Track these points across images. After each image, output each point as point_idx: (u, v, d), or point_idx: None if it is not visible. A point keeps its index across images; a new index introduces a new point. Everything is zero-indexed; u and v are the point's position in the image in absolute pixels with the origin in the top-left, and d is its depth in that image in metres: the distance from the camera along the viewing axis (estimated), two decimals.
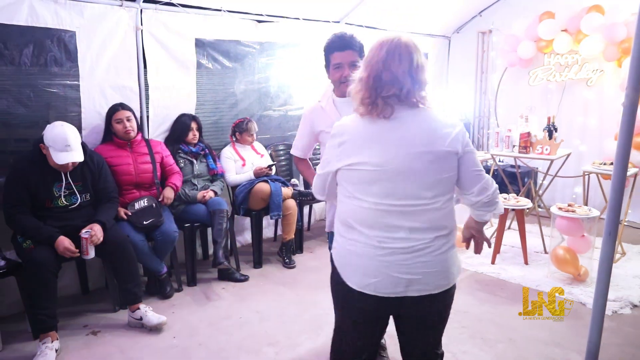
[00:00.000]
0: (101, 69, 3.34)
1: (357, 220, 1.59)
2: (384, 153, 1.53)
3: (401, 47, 1.53)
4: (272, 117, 4.65)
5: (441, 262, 1.59)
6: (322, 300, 3.36)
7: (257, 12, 4.14)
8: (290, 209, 4.00)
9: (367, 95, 1.55)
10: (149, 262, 3.30)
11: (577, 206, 3.71)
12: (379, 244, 1.56)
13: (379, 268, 1.56)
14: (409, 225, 1.55)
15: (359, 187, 1.58)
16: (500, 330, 2.99)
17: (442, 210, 1.59)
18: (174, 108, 3.79)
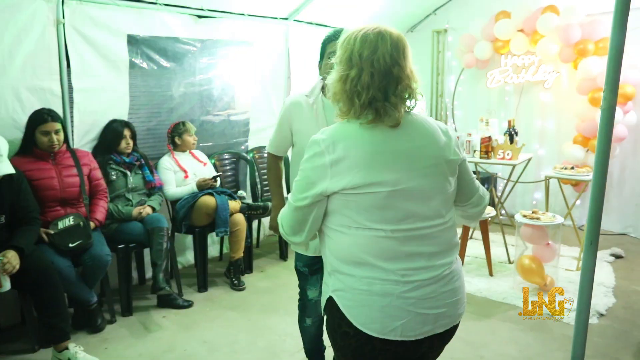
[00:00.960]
0: (15, 67, 3.12)
1: (373, 254, 1.42)
2: (396, 169, 1.42)
3: (403, 41, 1.45)
4: (215, 123, 4.57)
5: (460, 288, 1.54)
6: (276, 325, 3.32)
7: (197, 6, 4.06)
8: (238, 224, 3.92)
9: (371, 97, 1.41)
10: (76, 291, 3.11)
11: (541, 213, 3.84)
12: (402, 278, 1.42)
13: (405, 307, 1.42)
14: (428, 250, 1.46)
15: (370, 214, 1.42)
16: (470, 347, 3.03)
17: (455, 227, 1.54)
18: (104, 113, 3.62)
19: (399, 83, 1.42)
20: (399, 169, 1.42)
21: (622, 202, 5.01)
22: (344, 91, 1.44)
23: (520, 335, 3.20)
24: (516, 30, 5.20)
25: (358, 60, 1.42)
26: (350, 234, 1.45)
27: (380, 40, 1.41)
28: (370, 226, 1.42)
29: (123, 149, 3.60)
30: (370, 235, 1.43)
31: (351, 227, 1.45)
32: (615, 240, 4.82)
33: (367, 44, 1.42)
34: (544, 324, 3.32)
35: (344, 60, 1.45)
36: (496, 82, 5.54)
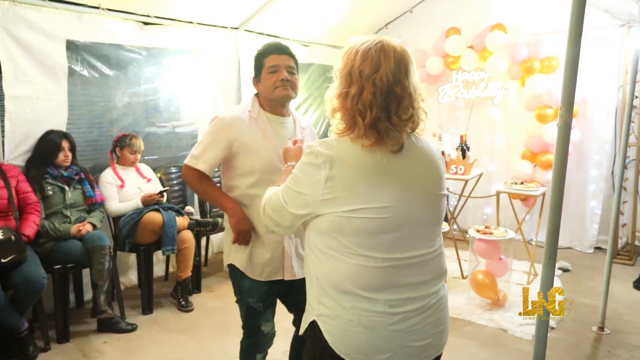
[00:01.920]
0: None
1: (360, 285, 1.39)
2: (393, 196, 1.39)
3: (407, 56, 1.41)
4: (161, 135, 4.49)
5: (446, 316, 1.52)
6: (228, 347, 3.25)
7: (142, 12, 4.00)
8: (186, 242, 3.86)
9: (375, 117, 1.36)
10: (5, 318, 2.93)
11: (493, 228, 3.96)
12: (389, 309, 1.39)
13: (391, 340, 1.39)
14: (417, 280, 1.43)
15: (362, 240, 1.39)
16: None
17: (443, 254, 1.54)
18: (39, 123, 3.48)
19: (401, 103, 1.38)
20: (396, 196, 1.39)
21: (567, 217, 5.22)
22: (345, 108, 1.40)
23: (475, 351, 3.26)
24: (466, 47, 5.40)
25: (358, 77, 1.38)
26: (339, 260, 1.41)
27: (383, 57, 1.37)
28: (361, 252, 1.39)
29: (61, 162, 3.47)
30: (359, 263, 1.39)
31: (341, 251, 1.41)
32: (563, 254, 5.01)
33: (368, 61, 1.37)
34: (498, 339, 3.40)
35: (343, 75, 1.42)
36: (447, 97, 5.72)
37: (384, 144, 1.38)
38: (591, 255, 5.11)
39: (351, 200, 1.37)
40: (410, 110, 1.39)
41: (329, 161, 1.37)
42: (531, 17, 5.14)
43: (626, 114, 3.48)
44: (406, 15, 6.03)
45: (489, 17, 5.33)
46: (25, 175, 3.34)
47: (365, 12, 5.63)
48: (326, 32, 5.63)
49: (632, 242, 5.01)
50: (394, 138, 1.39)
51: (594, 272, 4.52)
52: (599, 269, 4.29)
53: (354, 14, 5.52)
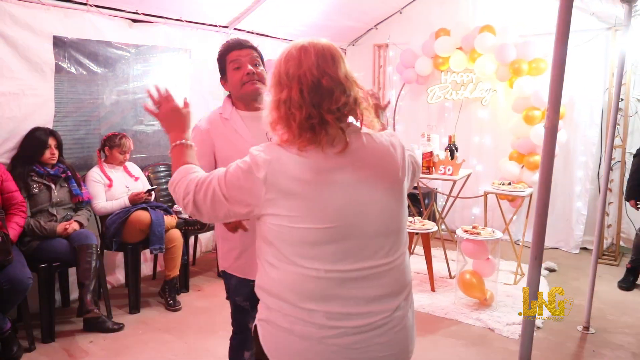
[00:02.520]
0: None
1: (298, 294, 1.32)
2: (339, 204, 1.31)
3: (330, 48, 1.36)
4: (150, 133, 4.47)
5: (402, 340, 1.40)
6: (216, 347, 3.24)
7: (131, 9, 3.98)
8: (174, 241, 3.85)
9: (306, 115, 1.30)
10: None
11: (480, 228, 3.98)
12: (327, 321, 1.31)
13: (325, 354, 1.31)
14: (367, 294, 1.34)
15: (300, 250, 1.32)
16: None
17: (405, 264, 1.44)
18: (25, 120, 3.46)
19: (332, 94, 1.32)
20: (341, 204, 1.32)
21: (554, 218, 5.27)
22: (280, 118, 1.34)
23: (463, 350, 3.28)
24: (455, 48, 5.41)
25: (286, 80, 1.34)
26: (279, 269, 1.35)
27: (303, 54, 1.34)
28: (301, 263, 1.32)
29: (47, 159, 3.44)
30: (299, 273, 1.32)
31: (282, 260, 1.34)
32: (549, 255, 5.04)
33: (291, 62, 1.34)
34: (485, 338, 3.43)
35: (274, 85, 1.38)
36: (436, 98, 5.73)
37: (319, 143, 1.30)
38: (577, 255, 5.15)
39: (291, 207, 1.30)
40: (342, 98, 1.33)
41: (271, 171, 1.30)
42: (520, 19, 5.17)
43: (612, 116, 3.50)
44: (396, 16, 6.04)
45: (478, 19, 5.35)
46: (10, 172, 3.29)
47: (354, 12, 5.65)
48: (316, 32, 5.59)
49: (617, 242, 5.06)
50: (331, 135, 1.32)
51: (579, 273, 4.57)
52: (584, 269, 4.33)
53: (343, 14, 5.53)
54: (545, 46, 4.90)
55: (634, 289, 4.30)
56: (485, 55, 5.17)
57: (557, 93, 1.72)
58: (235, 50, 2.09)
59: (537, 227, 1.81)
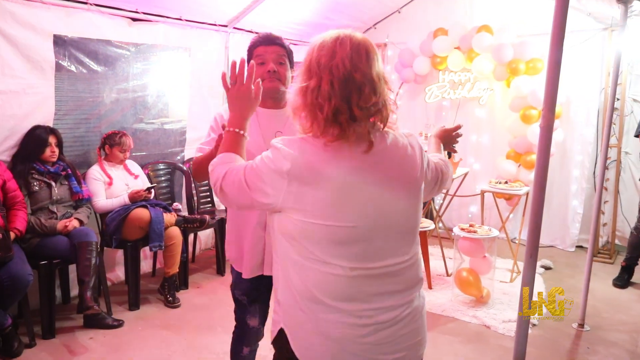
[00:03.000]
0: None
1: (328, 294, 1.32)
2: (364, 204, 1.31)
3: (367, 44, 1.32)
4: (149, 132, 4.46)
5: (421, 327, 1.45)
6: (214, 344, 3.25)
7: (131, 8, 3.96)
8: (173, 238, 3.84)
9: (335, 107, 1.26)
10: None
11: (477, 226, 3.99)
12: (359, 320, 1.32)
13: (360, 353, 1.33)
14: (389, 289, 1.36)
15: (326, 249, 1.31)
16: None
17: (419, 263, 1.46)
18: (25, 118, 3.45)
19: (362, 91, 1.28)
20: (367, 204, 1.32)
21: (550, 216, 5.27)
22: (305, 105, 1.32)
23: (460, 347, 3.30)
24: (453, 48, 5.42)
25: (317, 68, 1.31)
26: (308, 268, 1.34)
27: (338, 45, 1.30)
28: (329, 261, 1.31)
29: (47, 157, 3.43)
30: (327, 271, 1.32)
31: (309, 258, 1.33)
32: (545, 253, 5.08)
33: (324, 51, 1.31)
34: (481, 335, 3.45)
35: (303, 71, 1.35)
36: (434, 97, 5.74)
37: (346, 139, 1.28)
38: (573, 253, 5.18)
39: (315, 203, 1.29)
40: (373, 97, 1.29)
41: (295, 165, 1.29)
42: (517, 19, 5.17)
43: (607, 115, 3.52)
44: (394, 16, 6.04)
45: (476, 19, 5.37)
46: (10, 170, 3.29)
47: (353, 11, 5.65)
48: (315, 31, 5.58)
49: (612, 241, 5.09)
50: (359, 133, 1.30)
51: (575, 270, 4.59)
52: (579, 267, 4.35)
53: (343, 13, 5.53)
54: (542, 46, 4.90)
55: (628, 286, 4.33)
56: (483, 54, 5.19)
57: (552, 93, 1.74)
58: (263, 45, 2.06)
59: (533, 226, 1.83)
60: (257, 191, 1.33)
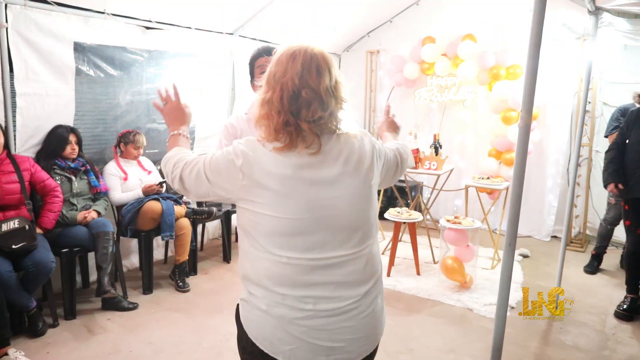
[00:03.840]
0: None
1: (271, 279, 1.32)
2: (308, 199, 1.29)
3: (318, 59, 1.29)
4: (161, 131, 4.44)
5: (368, 325, 1.38)
6: (221, 325, 3.26)
7: (144, 17, 3.95)
8: (183, 228, 3.85)
9: (283, 120, 1.26)
10: (15, 297, 2.90)
11: (462, 218, 4.02)
12: (297, 304, 1.31)
13: (295, 333, 1.31)
14: (335, 280, 1.32)
15: (271, 240, 1.31)
16: (401, 341, 3.11)
17: (371, 255, 1.39)
18: (48, 118, 3.44)
19: (310, 106, 1.26)
20: (310, 200, 1.29)
21: (528, 209, 5.31)
22: (261, 116, 1.31)
23: (445, 328, 3.31)
24: (440, 54, 5.43)
25: (272, 82, 1.29)
26: (257, 257, 1.34)
27: (291, 62, 1.28)
28: (273, 252, 1.30)
29: (68, 154, 3.44)
30: (273, 260, 1.31)
31: (258, 249, 1.33)
32: (523, 242, 5.10)
33: (279, 66, 1.29)
34: (464, 317, 3.47)
35: (264, 82, 1.33)
36: (423, 100, 5.75)
37: (295, 147, 1.27)
38: (548, 243, 5.20)
39: (264, 197, 1.28)
40: (319, 112, 1.27)
41: (246, 162, 1.28)
42: (499, 28, 5.18)
43: (580, 118, 3.54)
44: (386, 25, 6.05)
45: (461, 28, 5.36)
46: None
47: (348, 20, 5.65)
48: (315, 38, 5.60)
49: (583, 231, 5.12)
50: (307, 141, 1.27)
51: (550, 258, 4.62)
52: (554, 256, 4.38)
53: (339, 22, 5.54)
54: (521, 53, 4.93)
55: (597, 273, 4.36)
56: (467, 61, 5.21)
57: (529, 96, 1.75)
58: (264, 56, 2.08)
59: (511, 217, 1.84)
60: (216, 185, 1.34)
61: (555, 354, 3.00)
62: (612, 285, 4.07)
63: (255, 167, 1.28)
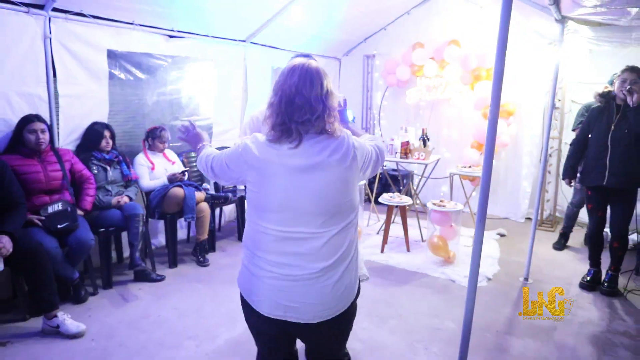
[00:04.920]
0: (7, 76, 2.97)
1: (253, 242, 1.49)
2: (283, 184, 1.40)
3: (312, 72, 1.42)
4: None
5: (324, 295, 1.44)
6: (236, 294, 3.17)
7: (168, 27, 3.98)
8: (203, 211, 3.89)
9: (280, 120, 1.41)
10: (61, 270, 2.99)
11: (446, 202, 4.09)
12: (267, 265, 1.45)
13: (261, 288, 1.46)
14: (302, 251, 1.43)
15: (258, 213, 1.46)
16: (391, 308, 3.18)
17: (336, 238, 1.45)
18: (86, 117, 3.50)
19: (299, 111, 1.39)
20: (287, 184, 1.40)
21: (505, 194, 5.38)
22: (267, 116, 1.46)
23: (430, 297, 3.38)
24: (428, 58, 5.45)
25: (276, 89, 1.44)
26: (248, 224, 1.52)
27: (290, 73, 1.42)
28: (257, 221, 1.46)
29: (103, 147, 3.50)
30: (255, 228, 1.47)
31: (250, 220, 1.50)
32: (500, 223, 5.16)
33: (282, 77, 1.44)
34: (447, 288, 3.52)
35: (272, 89, 1.47)
36: (413, 99, 5.76)
37: (280, 141, 1.41)
38: (522, 224, 5.24)
39: (256, 183, 1.44)
40: (307, 115, 1.39)
41: (245, 151, 1.45)
42: (480, 34, 5.20)
43: (549, 114, 3.56)
44: (381, 32, 6.05)
45: (447, 34, 5.38)
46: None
47: (348, 29, 5.64)
48: (316, 44, 5.64)
49: (553, 213, 5.16)
50: (291, 137, 1.40)
51: (524, 237, 4.63)
52: (527, 235, 4.38)
53: (340, 30, 5.55)
54: None
55: (565, 249, 4.41)
56: (452, 64, 5.22)
57: (497, 94, 1.76)
58: None
59: (482, 198, 1.84)
60: (232, 170, 1.52)
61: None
62: (577, 260, 4.13)
63: (250, 154, 1.44)
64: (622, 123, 3.24)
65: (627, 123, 3.20)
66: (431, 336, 2.83)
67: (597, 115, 3.41)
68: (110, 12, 3.46)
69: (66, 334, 2.71)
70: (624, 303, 3.34)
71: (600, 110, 3.41)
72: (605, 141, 3.29)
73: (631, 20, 3.03)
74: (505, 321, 3.03)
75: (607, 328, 2.98)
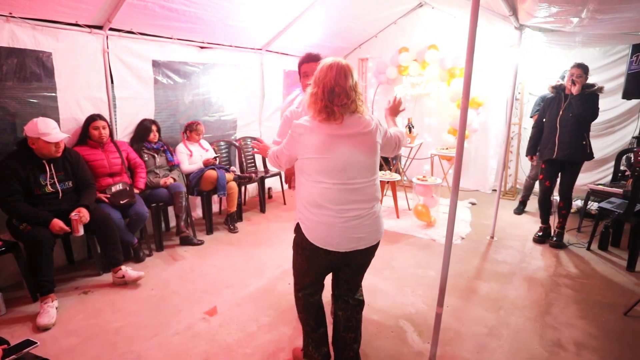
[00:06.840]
0: (76, 83, 3.08)
1: (323, 199, 1.57)
2: (338, 149, 1.54)
3: (345, 68, 1.55)
4: (213, 121, 4.52)
5: (375, 223, 1.65)
6: (261, 253, 3.42)
7: (199, 40, 4.03)
8: (232, 188, 3.96)
9: (324, 105, 1.54)
10: (124, 236, 3.13)
11: (428, 177, 4.20)
12: (339, 214, 1.57)
13: (340, 232, 1.58)
14: (357, 198, 1.58)
15: (319, 174, 1.56)
16: (385, 261, 3.30)
17: (376, 186, 1.67)
18: (137, 115, 3.59)
19: (339, 96, 1.53)
20: (338, 147, 1.54)
21: (476, 170, 5.44)
22: (310, 103, 1.59)
23: (416, 252, 3.49)
24: (412, 60, 5.44)
25: (318, 81, 1.57)
26: (311, 186, 1.59)
27: (328, 69, 1.55)
28: (321, 180, 1.56)
29: (151, 139, 3.57)
30: (320, 187, 1.57)
31: (311, 181, 1.59)
32: (472, 194, 5.25)
33: (322, 72, 1.57)
34: (429, 246, 3.62)
35: (313, 82, 1.60)
36: (400, 94, 5.81)
37: (328, 120, 1.55)
38: (490, 194, 5.30)
39: (315, 152, 1.56)
40: (345, 100, 1.54)
41: (303, 130, 1.58)
42: (455, 39, 5.20)
43: (511, 104, 3.62)
44: (373, 39, 6.01)
45: (427, 40, 5.37)
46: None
47: (346, 36, 5.64)
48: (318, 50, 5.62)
49: (514, 185, 5.21)
50: (336, 116, 1.55)
51: (491, 205, 4.67)
52: (493, 203, 4.47)
53: (340, 37, 5.55)
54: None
55: (523, 214, 4.49)
56: (432, 64, 5.22)
57: (467, 88, 1.81)
58: (306, 63, 2.08)
59: (456, 173, 1.89)
60: (289, 154, 1.65)
61: (491, 266, 3.19)
62: (532, 222, 4.22)
63: (307, 132, 1.56)
64: (568, 108, 3.34)
65: (572, 108, 3.30)
66: (417, 282, 2.94)
67: (550, 103, 3.50)
68: (154, 29, 3.52)
69: (129, 279, 2.86)
70: (568, 254, 3.47)
71: (552, 99, 3.50)
72: (555, 123, 3.39)
73: (574, 27, 3.09)
74: (475, 270, 3.15)
75: (553, 272, 3.13)
